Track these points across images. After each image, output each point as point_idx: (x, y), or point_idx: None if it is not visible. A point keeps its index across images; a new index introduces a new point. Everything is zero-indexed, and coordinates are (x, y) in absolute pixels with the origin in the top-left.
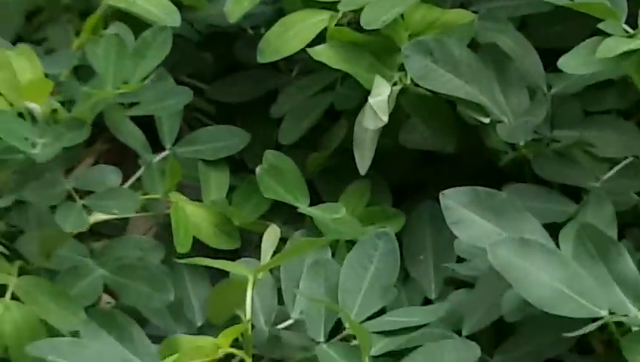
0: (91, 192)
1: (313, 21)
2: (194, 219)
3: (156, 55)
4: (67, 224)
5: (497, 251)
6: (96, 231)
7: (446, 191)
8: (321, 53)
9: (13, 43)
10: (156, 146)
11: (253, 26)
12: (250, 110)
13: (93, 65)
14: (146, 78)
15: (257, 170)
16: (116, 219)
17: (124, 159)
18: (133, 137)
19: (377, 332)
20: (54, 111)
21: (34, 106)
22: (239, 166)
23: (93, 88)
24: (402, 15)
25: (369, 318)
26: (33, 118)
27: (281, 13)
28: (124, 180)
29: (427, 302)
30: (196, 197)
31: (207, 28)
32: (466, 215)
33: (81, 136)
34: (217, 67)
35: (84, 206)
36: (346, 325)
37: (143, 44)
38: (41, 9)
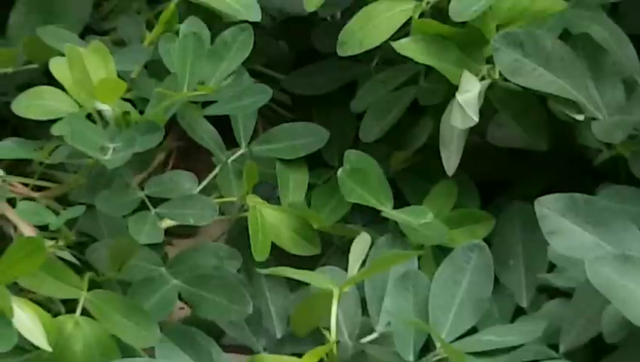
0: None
1: (397, 11)
2: (272, 223)
3: (235, 57)
4: (141, 236)
5: (597, 269)
6: (168, 231)
7: (541, 199)
8: (406, 46)
9: (82, 34)
10: (230, 141)
11: (332, 14)
12: (327, 102)
13: (167, 63)
14: (224, 80)
15: (339, 172)
16: None
17: (198, 156)
18: (208, 136)
19: (472, 353)
20: (126, 113)
21: (105, 108)
22: (316, 161)
23: (167, 88)
24: (490, 5)
25: (462, 336)
26: (103, 120)
27: (361, 0)
28: (198, 177)
29: (518, 310)
30: (270, 195)
31: (281, 13)
32: (563, 224)
33: (155, 141)
34: (293, 56)
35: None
36: (438, 345)
37: (222, 44)
38: None
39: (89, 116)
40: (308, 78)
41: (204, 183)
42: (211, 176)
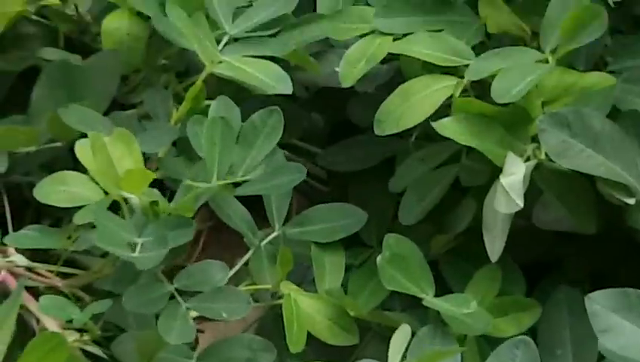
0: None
1: (437, 88)
2: (307, 312)
3: (265, 142)
4: (171, 336)
5: None
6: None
7: (592, 295)
8: (448, 127)
9: (109, 108)
10: (262, 217)
11: (368, 88)
12: (364, 177)
13: (195, 146)
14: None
15: (378, 259)
16: None
17: (229, 230)
18: (239, 218)
19: None
20: (154, 202)
21: (132, 197)
22: (353, 239)
23: (196, 174)
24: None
25: None
26: (129, 207)
27: (398, 74)
28: (229, 259)
29: None
30: (304, 276)
31: (315, 85)
32: (615, 321)
33: (187, 236)
34: (327, 128)
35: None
36: None
37: (252, 129)
38: (137, 69)
39: (115, 202)
40: (344, 154)
41: (235, 268)
42: (243, 260)
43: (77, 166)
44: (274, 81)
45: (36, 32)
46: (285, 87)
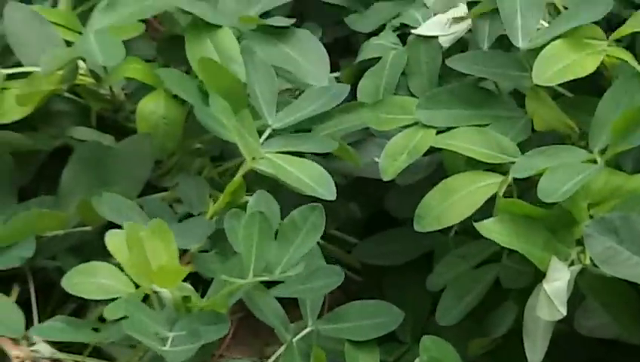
0: None
1: (479, 186)
2: None
3: (305, 240)
4: None
5: None
6: None
7: None
8: (491, 228)
9: (143, 192)
10: (294, 309)
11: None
12: (401, 272)
13: (232, 241)
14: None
15: None
16: None
17: (260, 323)
18: (272, 313)
19: None
20: (187, 297)
21: (164, 291)
22: (387, 335)
23: (231, 269)
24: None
25: None
26: (160, 301)
27: (439, 167)
28: (259, 347)
29: None
30: None
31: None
32: None
33: (220, 332)
34: (364, 218)
35: None
36: None
37: (292, 225)
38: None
39: (145, 296)
40: (380, 247)
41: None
42: (275, 355)
43: (105, 251)
44: (315, 183)
45: (68, 109)
46: (327, 191)
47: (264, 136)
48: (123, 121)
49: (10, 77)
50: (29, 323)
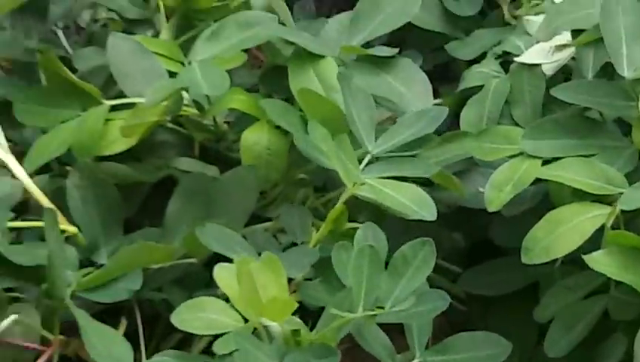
0: None
1: (587, 217)
2: None
3: (416, 275)
4: None
5: None
6: None
7: None
8: (599, 261)
9: (248, 222)
10: (400, 337)
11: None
12: (506, 303)
13: (340, 274)
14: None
15: None
16: None
17: (364, 353)
18: (378, 343)
19: None
20: (296, 331)
21: (273, 324)
22: None
23: (340, 302)
24: None
25: None
26: (269, 334)
27: (545, 198)
28: None
29: None
30: None
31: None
32: None
33: None
34: (467, 247)
35: None
36: None
37: (402, 260)
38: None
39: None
40: (485, 277)
41: None
42: None
43: (210, 282)
44: (417, 206)
45: (171, 139)
46: (429, 213)
47: (364, 163)
48: (225, 151)
49: (113, 108)
50: (136, 356)
